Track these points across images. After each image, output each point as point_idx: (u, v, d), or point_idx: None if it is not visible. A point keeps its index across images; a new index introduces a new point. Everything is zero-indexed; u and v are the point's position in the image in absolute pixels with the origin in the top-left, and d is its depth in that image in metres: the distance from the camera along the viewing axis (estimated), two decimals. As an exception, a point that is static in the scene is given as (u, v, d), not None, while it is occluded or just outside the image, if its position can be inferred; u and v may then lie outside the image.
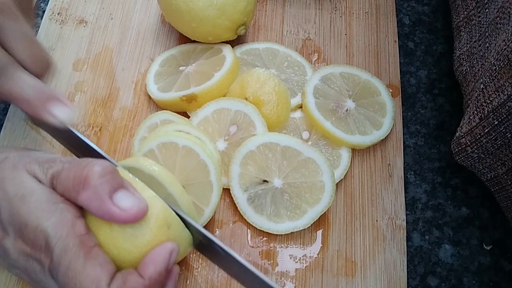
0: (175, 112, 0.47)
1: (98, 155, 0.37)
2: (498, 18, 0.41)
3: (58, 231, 0.31)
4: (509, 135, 0.37)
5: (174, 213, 0.35)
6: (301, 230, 0.43)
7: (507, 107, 0.36)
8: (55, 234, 0.31)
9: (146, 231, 0.33)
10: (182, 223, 0.35)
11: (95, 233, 0.33)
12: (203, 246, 0.36)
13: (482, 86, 0.39)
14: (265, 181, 0.43)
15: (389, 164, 0.47)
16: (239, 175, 0.43)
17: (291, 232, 0.43)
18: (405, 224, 0.45)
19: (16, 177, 0.33)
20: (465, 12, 0.47)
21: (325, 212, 0.43)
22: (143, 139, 0.45)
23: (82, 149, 0.39)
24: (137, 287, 0.31)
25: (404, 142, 0.48)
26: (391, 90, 0.50)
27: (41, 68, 0.36)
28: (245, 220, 0.43)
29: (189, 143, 0.42)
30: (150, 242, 0.33)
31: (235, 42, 0.51)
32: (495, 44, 0.40)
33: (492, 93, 0.38)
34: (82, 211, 0.33)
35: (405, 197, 0.46)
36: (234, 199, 0.43)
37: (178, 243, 0.35)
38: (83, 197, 0.32)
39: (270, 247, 0.43)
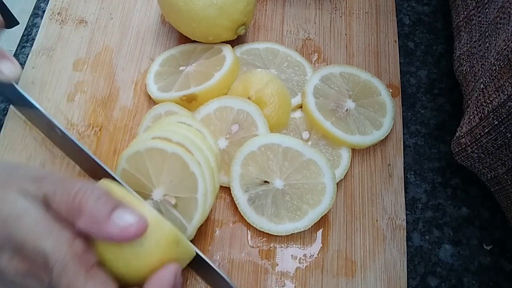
0: (175, 111, 0.47)
1: (48, 121, 0.37)
2: (498, 18, 0.41)
3: (56, 251, 0.30)
4: (509, 135, 0.37)
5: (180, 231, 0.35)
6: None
7: (507, 107, 0.36)
8: (53, 254, 0.30)
9: (156, 249, 0.33)
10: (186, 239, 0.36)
11: (103, 251, 0.33)
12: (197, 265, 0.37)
13: (482, 86, 0.39)
14: (266, 182, 0.43)
15: (389, 164, 0.47)
16: (240, 175, 0.43)
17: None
18: (405, 224, 0.45)
19: (6, 197, 0.32)
20: (465, 12, 0.47)
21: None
22: (147, 128, 0.46)
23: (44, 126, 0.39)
24: None
25: (404, 142, 0.48)
26: (391, 90, 0.50)
27: None
28: (245, 220, 0.43)
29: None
30: (160, 260, 0.33)
31: (235, 42, 0.51)
32: (495, 44, 0.40)
33: (492, 93, 0.38)
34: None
35: (405, 197, 0.46)
36: (234, 199, 0.43)
37: (185, 258, 0.35)
38: (81, 224, 0.31)
39: (270, 247, 0.43)
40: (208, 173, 0.40)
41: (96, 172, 0.42)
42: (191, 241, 0.39)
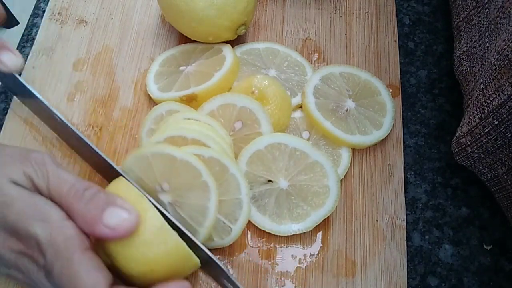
0: (175, 112, 0.47)
1: (55, 118, 0.37)
2: (498, 18, 0.41)
3: (47, 235, 0.31)
4: (509, 135, 0.37)
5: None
6: (301, 230, 0.43)
7: (507, 107, 0.36)
8: (45, 239, 0.31)
9: (161, 246, 0.33)
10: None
11: (110, 244, 0.33)
12: (207, 265, 0.37)
13: (482, 86, 0.39)
14: (269, 181, 0.43)
15: (389, 164, 0.47)
16: (245, 173, 0.43)
17: (291, 232, 0.43)
18: (405, 224, 0.45)
19: None
20: (465, 12, 0.47)
21: (325, 212, 0.43)
22: (150, 131, 0.45)
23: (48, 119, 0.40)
24: None
25: (404, 142, 0.48)
26: (391, 90, 0.50)
27: None
28: (246, 219, 0.43)
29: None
30: (166, 253, 0.33)
31: (235, 42, 0.51)
32: (495, 44, 0.40)
33: (492, 93, 0.38)
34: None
35: (405, 197, 0.46)
36: None
37: (189, 266, 0.35)
38: (79, 224, 0.32)
39: (270, 247, 0.43)
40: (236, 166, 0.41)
41: (97, 163, 0.42)
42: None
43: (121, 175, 0.39)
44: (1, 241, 0.32)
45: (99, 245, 0.34)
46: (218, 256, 0.42)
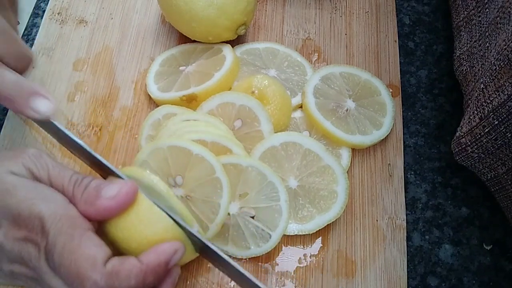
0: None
1: (82, 149, 0.38)
2: (498, 18, 0.41)
3: (52, 214, 0.32)
4: (509, 135, 0.37)
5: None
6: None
7: (507, 107, 0.36)
8: (49, 217, 0.32)
9: (159, 223, 0.34)
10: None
11: (112, 226, 0.34)
12: (205, 252, 0.37)
13: (482, 86, 0.39)
14: None
15: (389, 164, 0.47)
16: None
17: (292, 232, 0.43)
18: (405, 224, 0.45)
19: None
20: (465, 12, 0.47)
21: (325, 212, 0.43)
22: (149, 137, 0.45)
23: (69, 144, 0.39)
24: (133, 270, 0.32)
25: (404, 142, 0.48)
26: (391, 90, 0.50)
27: (22, 63, 0.36)
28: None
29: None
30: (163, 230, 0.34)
31: (235, 42, 0.51)
32: (495, 44, 0.40)
33: (492, 93, 0.38)
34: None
35: (405, 197, 0.46)
36: None
37: (185, 242, 0.35)
38: (80, 209, 0.33)
39: (270, 247, 0.43)
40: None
41: (97, 165, 0.42)
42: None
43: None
44: (4, 231, 0.32)
45: (100, 233, 0.35)
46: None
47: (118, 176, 0.36)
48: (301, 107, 0.48)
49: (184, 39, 0.51)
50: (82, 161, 0.40)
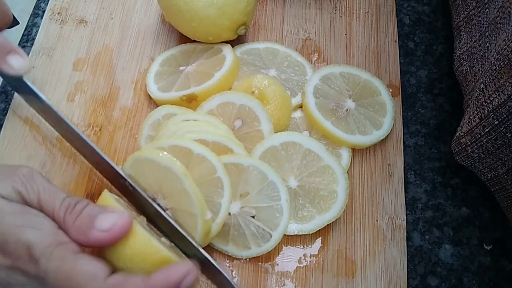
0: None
1: (59, 120, 0.38)
2: (498, 18, 0.41)
3: (41, 241, 0.31)
4: (509, 135, 0.37)
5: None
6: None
7: (507, 107, 0.36)
8: (38, 244, 0.31)
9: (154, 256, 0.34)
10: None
11: (108, 254, 0.33)
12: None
13: (482, 86, 0.39)
14: None
15: (389, 164, 0.47)
16: None
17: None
18: (405, 224, 0.45)
19: None
20: (465, 12, 0.47)
21: (325, 212, 0.43)
22: (149, 137, 0.45)
23: (54, 121, 0.40)
24: (139, 286, 0.31)
25: (404, 142, 0.48)
26: (391, 90, 0.50)
27: (1, 22, 0.37)
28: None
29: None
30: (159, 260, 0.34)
31: (235, 42, 0.51)
32: (495, 44, 0.40)
33: (492, 93, 0.38)
34: None
35: (405, 197, 0.46)
36: None
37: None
38: (72, 236, 0.33)
39: (270, 247, 0.43)
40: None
41: (101, 166, 0.42)
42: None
43: (122, 176, 0.39)
44: None
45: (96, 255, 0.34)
46: (216, 259, 0.42)
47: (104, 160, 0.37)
48: (301, 107, 0.48)
49: (184, 39, 0.51)
50: (74, 147, 0.40)
